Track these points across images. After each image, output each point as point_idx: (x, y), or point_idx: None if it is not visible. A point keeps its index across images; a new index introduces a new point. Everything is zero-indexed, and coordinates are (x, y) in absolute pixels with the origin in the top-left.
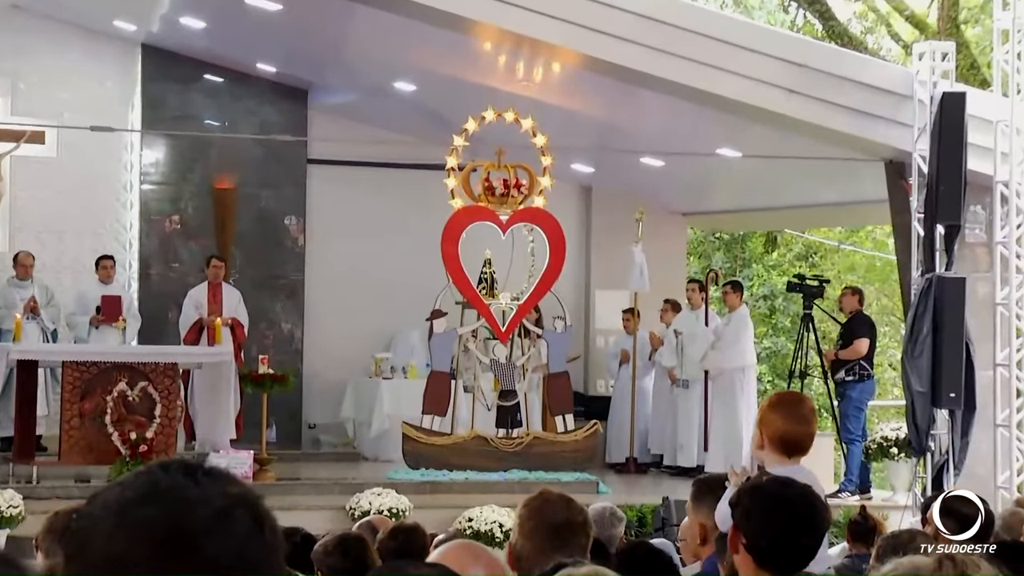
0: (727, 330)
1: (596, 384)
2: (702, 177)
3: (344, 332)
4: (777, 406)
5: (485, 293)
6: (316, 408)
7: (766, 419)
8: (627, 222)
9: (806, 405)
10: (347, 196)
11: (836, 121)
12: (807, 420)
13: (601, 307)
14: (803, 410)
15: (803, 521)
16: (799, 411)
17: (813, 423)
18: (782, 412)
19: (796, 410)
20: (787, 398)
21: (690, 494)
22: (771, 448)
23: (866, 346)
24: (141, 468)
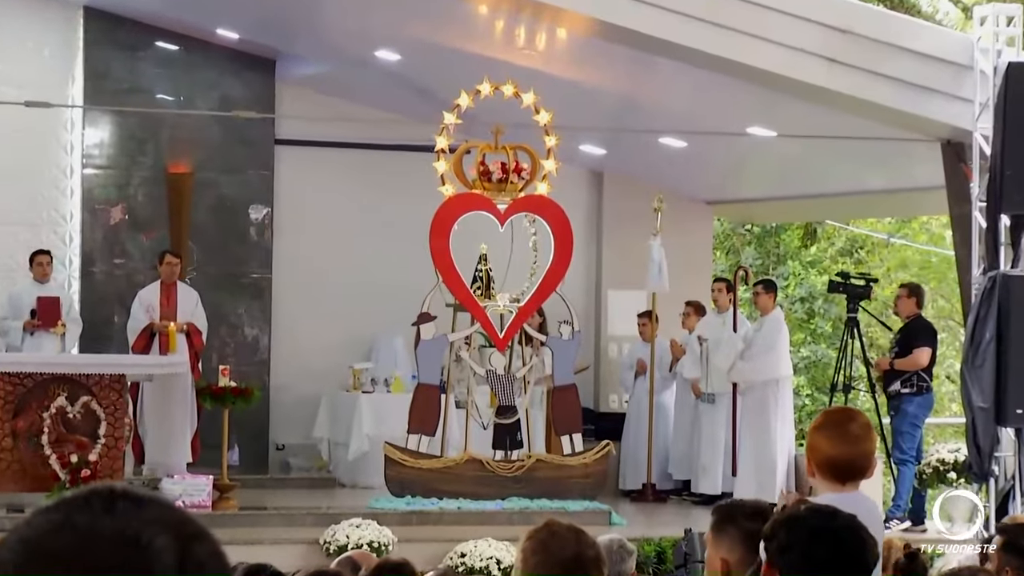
0: (759, 336)
1: (608, 399)
2: (730, 160)
3: (318, 339)
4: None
5: (480, 294)
6: (285, 426)
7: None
8: (644, 212)
9: (857, 422)
10: (321, 182)
11: (885, 95)
12: (859, 439)
13: (614, 310)
14: (853, 428)
15: (847, 558)
16: (848, 430)
17: (868, 442)
18: (828, 433)
19: (844, 429)
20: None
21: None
22: (821, 475)
23: (927, 356)
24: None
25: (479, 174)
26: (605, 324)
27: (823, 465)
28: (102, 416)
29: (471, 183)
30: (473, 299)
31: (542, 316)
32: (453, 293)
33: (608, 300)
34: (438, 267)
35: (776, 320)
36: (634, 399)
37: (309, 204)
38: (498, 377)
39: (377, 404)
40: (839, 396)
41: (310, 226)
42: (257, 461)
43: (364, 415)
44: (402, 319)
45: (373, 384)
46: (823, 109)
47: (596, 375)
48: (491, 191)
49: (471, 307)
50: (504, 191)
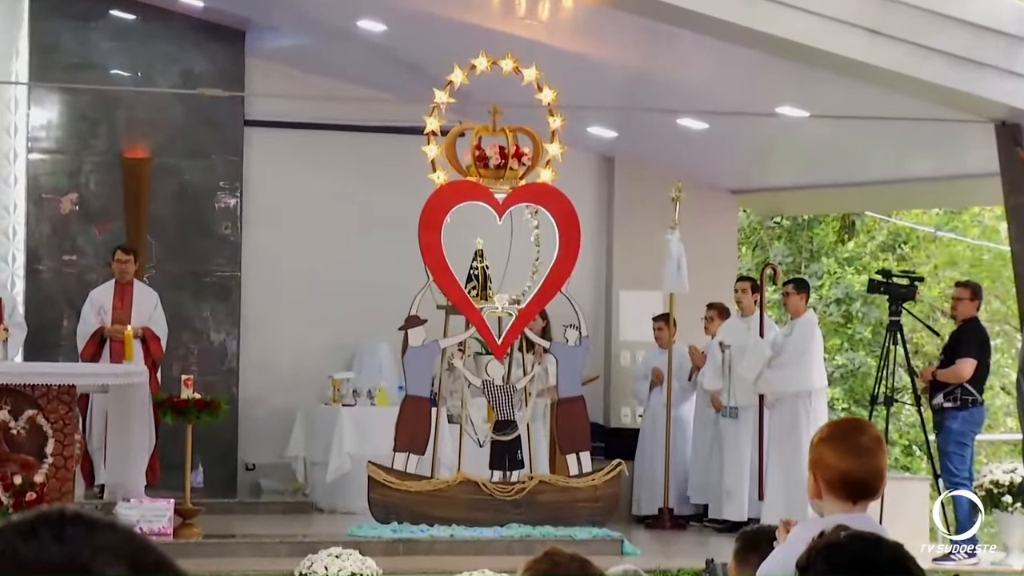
0: (789, 342)
1: (620, 413)
2: (758, 144)
3: (293, 345)
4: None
5: (476, 295)
6: (256, 444)
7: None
8: (660, 202)
9: (868, 434)
10: (297, 168)
11: (931, 71)
12: (870, 452)
13: (626, 313)
14: (864, 441)
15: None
16: (858, 442)
17: (879, 456)
18: (837, 446)
19: (855, 441)
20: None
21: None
22: (830, 494)
23: (970, 368)
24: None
25: (474, 159)
26: (616, 328)
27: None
28: (49, 432)
29: (465, 170)
30: (468, 300)
31: (545, 319)
32: (445, 294)
33: (620, 302)
34: (428, 264)
35: (808, 324)
36: (649, 413)
37: (283, 193)
38: (496, 388)
39: (360, 419)
40: (880, 410)
41: (284, 218)
42: (224, 483)
43: (345, 431)
44: (388, 323)
45: (355, 396)
46: (862, 86)
47: (606, 386)
48: (488, 179)
49: (465, 309)
50: (503, 179)
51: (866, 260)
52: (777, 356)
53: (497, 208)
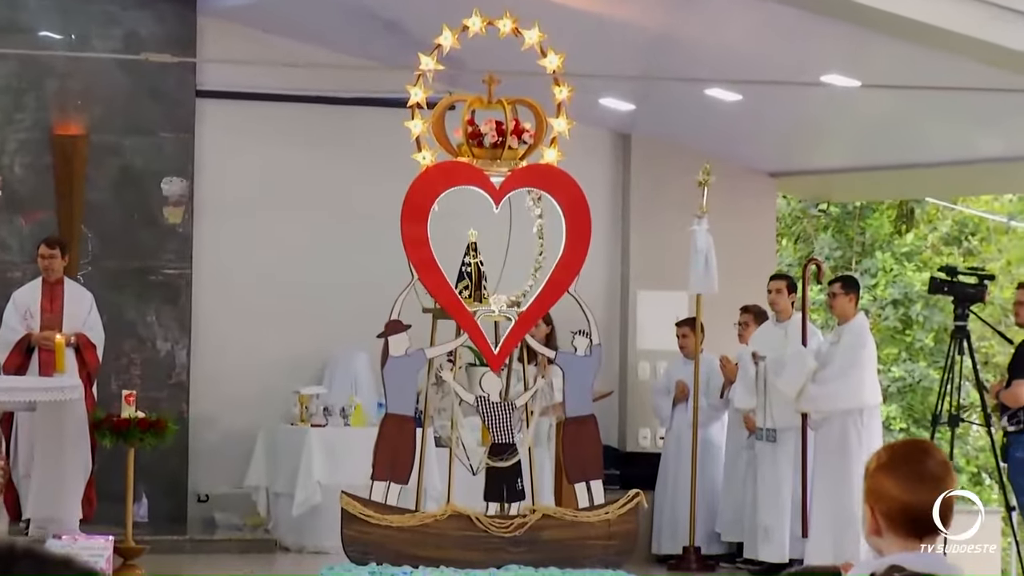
0: (836, 352)
1: (638, 435)
2: (800, 119)
3: (253, 355)
4: (889, 466)
5: (469, 296)
6: (209, 471)
7: (876, 487)
8: (686, 187)
9: (933, 458)
10: (258, 147)
11: (1004, 33)
12: (938, 479)
13: (646, 317)
14: (931, 466)
15: None
16: (924, 468)
17: (948, 482)
18: (897, 473)
19: (919, 467)
20: (903, 451)
21: None
22: (890, 530)
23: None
24: None
25: (467, 137)
26: (633, 336)
27: (892, 515)
28: None
29: (456, 149)
30: (459, 302)
31: (550, 325)
32: (433, 295)
33: (638, 304)
34: (413, 260)
35: (859, 330)
36: (672, 435)
37: (242, 177)
38: (492, 406)
39: (332, 441)
40: (943, 431)
41: (243, 206)
42: (173, 517)
43: (314, 456)
44: (365, 329)
45: (326, 415)
46: (923, 52)
47: (622, 403)
48: (483, 159)
49: (456, 313)
50: (500, 159)
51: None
52: (822, 368)
53: (494, 194)
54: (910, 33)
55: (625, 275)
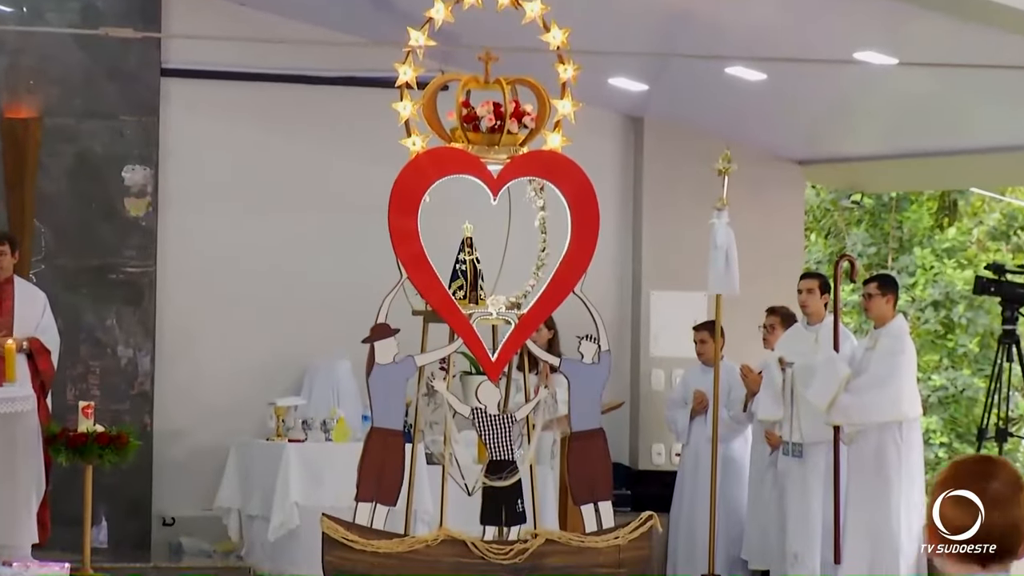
0: (872, 358)
1: (651, 451)
2: (831, 100)
3: (224, 362)
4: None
5: (463, 297)
6: (176, 492)
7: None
8: (704, 176)
9: (1002, 476)
10: (229, 132)
11: None
12: (1007, 502)
13: (660, 321)
14: (997, 486)
15: None
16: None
17: (1016, 505)
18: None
19: (985, 486)
20: (967, 469)
21: None
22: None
23: None
24: None
25: (461, 120)
26: (646, 341)
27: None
28: None
29: (450, 134)
30: (453, 304)
31: (553, 329)
32: (424, 295)
33: (651, 306)
34: (401, 257)
35: (897, 334)
36: (689, 451)
37: (212, 164)
38: (489, 419)
39: (311, 459)
40: (990, 446)
41: (213, 197)
42: (135, 542)
43: (292, 475)
44: (348, 334)
45: (305, 429)
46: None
47: (633, 415)
48: (479, 145)
49: (449, 316)
50: (498, 145)
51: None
52: (856, 376)
53: (491, 184)
54: (953, 5)
55: (637, 274)
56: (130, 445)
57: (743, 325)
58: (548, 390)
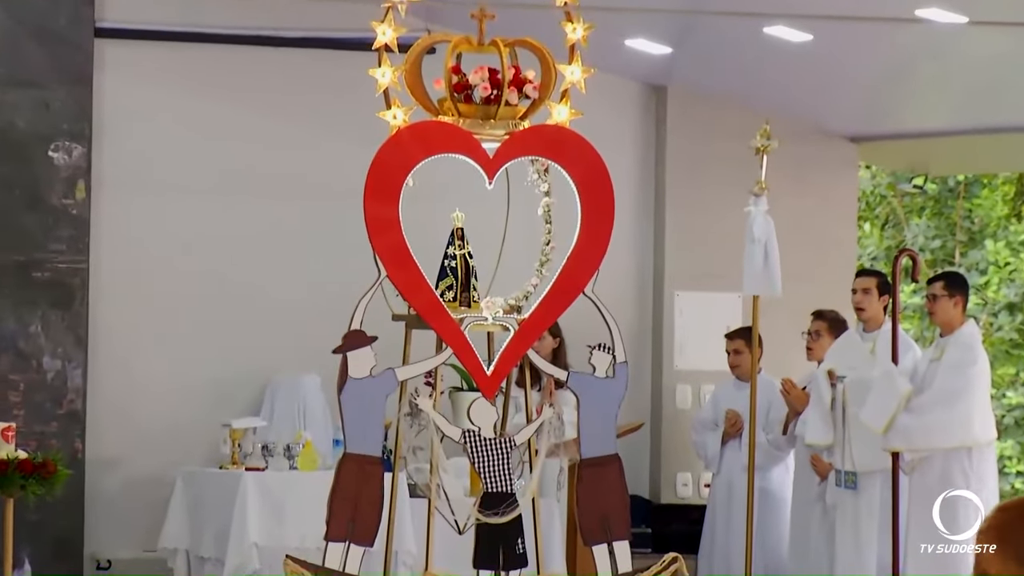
0: (938, 372)
1: (675, 481)
2: (889, 66)
3: (169, 376)
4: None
5: (453, 299)
6: (113, 529)
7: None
8: (738, 155)
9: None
10: (177, 104)
11: None
12: None
13: (686, 327)
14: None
15: None
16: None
17: None
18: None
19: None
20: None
21: None
22: None
23: None
24: None
25: (451, 90)
26: (670, 351)
27: None
28: None
29: (437, 106)
30: (441, 307)
31: (560, 337)
32: (406, 297)
33: (676, 309)
34: (379, 252)
35: (967, 343)
36: (721, 481)
37: (156, 142)
38: (484, 443)
39: (273, 490)
40: None
41: (157, 181)
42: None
43: (250, 509)
44: (316, 343)
45: (266, 455)
46: None
47: (655, 440)
48: (472, 119)
49: (437, 321)
50: (495, 119)
51: None
52: (918, 393)
53: (486, 165)
54: None
55: (659, 271)
56: (58, 474)
57: (784, 332)
58: (553, 409)
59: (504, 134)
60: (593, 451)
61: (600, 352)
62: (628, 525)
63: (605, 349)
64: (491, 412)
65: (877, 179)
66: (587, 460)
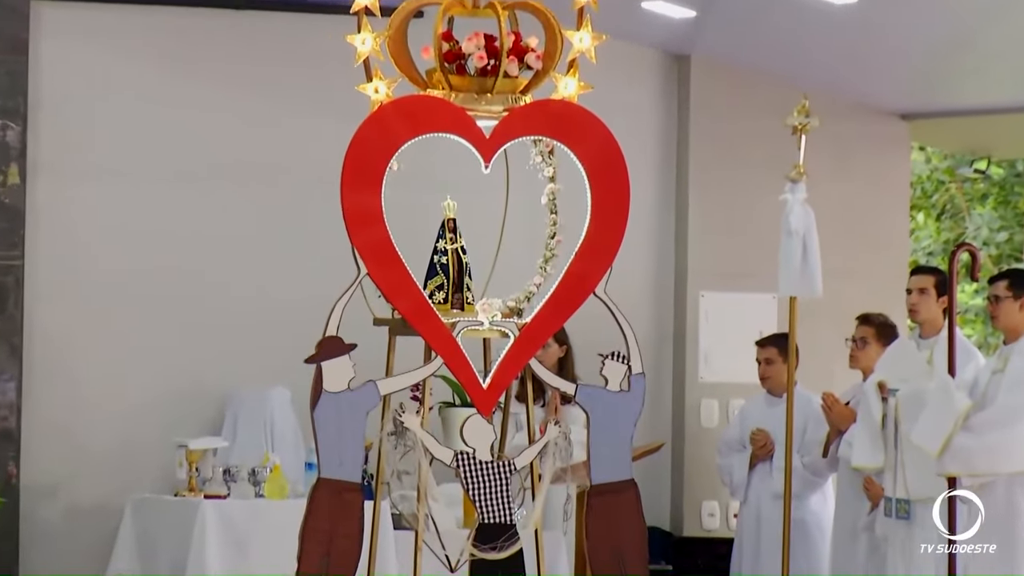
0: (1001, 385)
1: (700, 511)
2: (946, 33)
3: (116, 390)
4: None
5: (444, 300)
6: (52, 563)
7: None
8: (772, 133)
9: None
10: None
11: None
12: None
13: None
14: None
15: None
16: None
17: None
18: None
19: None
20: None
21: None
22: None
23: None
24: None
25: (442, 59)
26: (694, 361)
27: None
28: None
29: (426, 78)
30: (430, 310)
31: (566, 344)
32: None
33: (701, 312)
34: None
35: None
36: (750, 511)
37: (101, 120)
38: (480, 467)
39: (236, 520)
40: None
41: (102, 164)
42: None
43: (210, 542)
44: (286, 351)
45: (228, 481)
46: None
47: (677, 463)
48: (466, 93)
49: (425, 326)
50: (492, 93)
51: None
52: (979, 409)
53: (482, 146)
54: None
55: (681, 268)
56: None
57: (825, 339)
58: (559, 428)
59: (502, 110)
60: (605, 476)
61: (613, 362)
62: (645, 561)
63: (619, 358)
64: (487, 431)
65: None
66: (598, 486)
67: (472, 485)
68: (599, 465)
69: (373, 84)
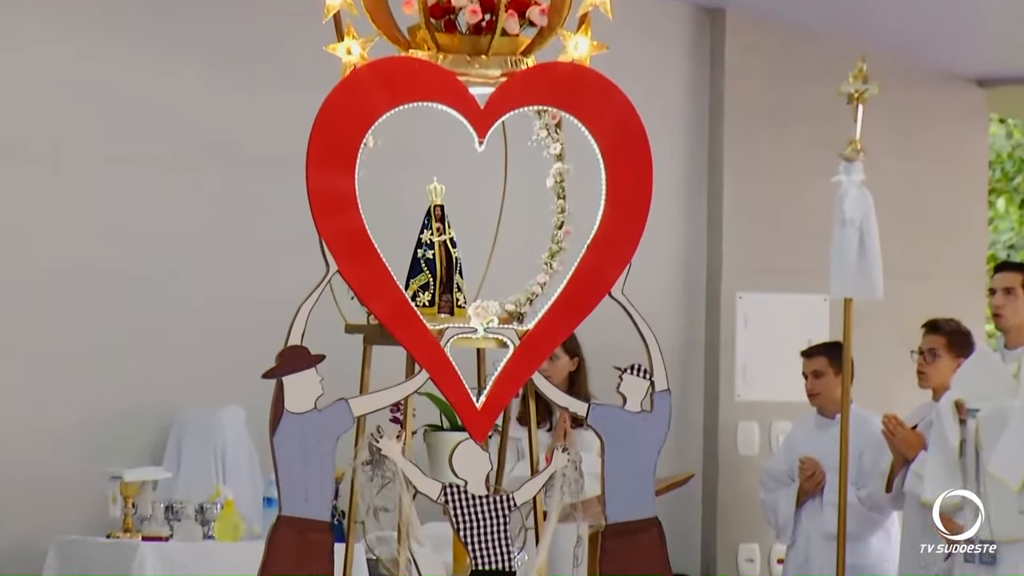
0: None
1: (737, 555)
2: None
3: (36, 412)
4: None
5: (430, 303)
6: None
7: None
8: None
9: None
10: (64, 42)
11: None
12: None
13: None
14: None
15: None
16: None
17: None
18: None
19: None
20: None
21: None
22: None
23: None
24: None
25: (427, 14)
26: (729, 375)
27: None
28: None
29: (408, 38)
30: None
31: (578, 356)
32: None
33: (738, 316)
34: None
35: None
36: (797, 554)
37: (11, 93)
38: (473, 503)
39: (181, 565)
40: None
41: (12, 145)
42: None
43: None
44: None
45: (170, 519)
46: None
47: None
48: (456, 55)
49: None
50: (487, 56)
51: None
52: None
53: (476, 118)
54: None
55: (715, 264)
56: None
57: (886, 349)
58: (569, 456)
59: (500, 75)
60: (623, 514)
61: (633, 376)
62: None
63: (640, 373)
64: (482, 460)
65: (1015, 138)
66: (615, 526)
67: (463, 524)
68: (616, 500)
69: (345, 44)
